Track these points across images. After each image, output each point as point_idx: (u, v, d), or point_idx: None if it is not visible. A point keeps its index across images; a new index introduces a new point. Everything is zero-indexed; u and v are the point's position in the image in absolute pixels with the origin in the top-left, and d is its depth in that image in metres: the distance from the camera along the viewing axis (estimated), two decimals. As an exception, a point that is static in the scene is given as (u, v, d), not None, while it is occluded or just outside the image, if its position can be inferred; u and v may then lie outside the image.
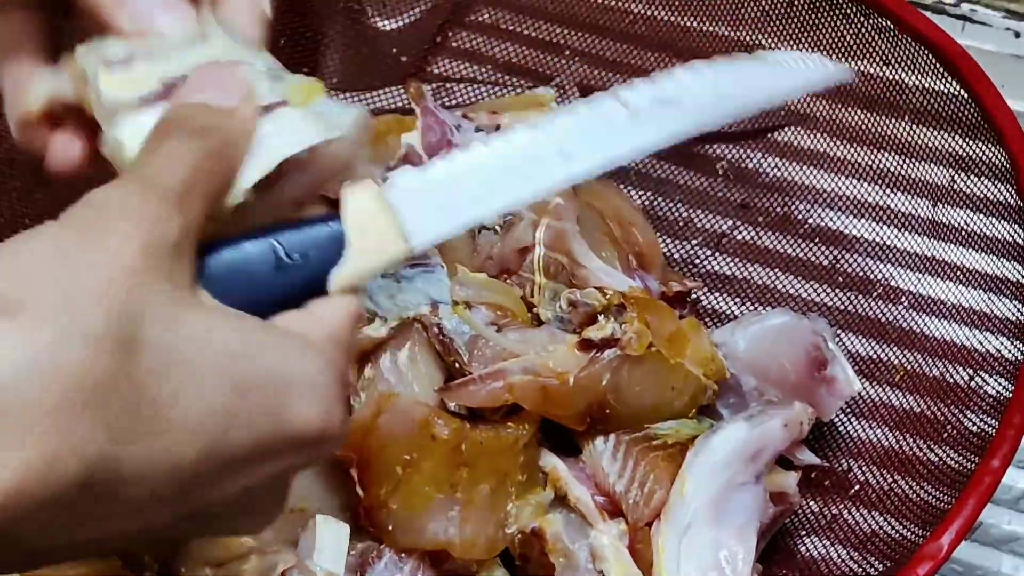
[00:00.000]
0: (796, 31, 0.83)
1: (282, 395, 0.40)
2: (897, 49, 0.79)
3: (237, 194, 0.43)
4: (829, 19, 0.82)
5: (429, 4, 0.97)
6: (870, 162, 0.83)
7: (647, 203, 0.89)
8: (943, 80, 0.77)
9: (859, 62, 0.81)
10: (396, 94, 0.93)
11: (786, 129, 0.87)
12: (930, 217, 0.81)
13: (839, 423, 0.78)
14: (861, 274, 0.82)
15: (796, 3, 0.82)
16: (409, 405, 0.71)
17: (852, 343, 0.81)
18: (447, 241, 0.77)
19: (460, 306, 0.75)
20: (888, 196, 0.83)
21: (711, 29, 0.87)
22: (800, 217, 0.86)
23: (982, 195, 0.76)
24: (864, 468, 0.76)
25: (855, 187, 0.84)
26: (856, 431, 0.78)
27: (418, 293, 0.78)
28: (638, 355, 0.72)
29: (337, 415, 0.42)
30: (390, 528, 0.70)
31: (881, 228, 0.83)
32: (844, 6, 0.80)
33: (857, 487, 0.75)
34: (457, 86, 0.94)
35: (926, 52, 0.77)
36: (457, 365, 0.73)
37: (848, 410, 0.78)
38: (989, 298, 0.76)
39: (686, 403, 0.75)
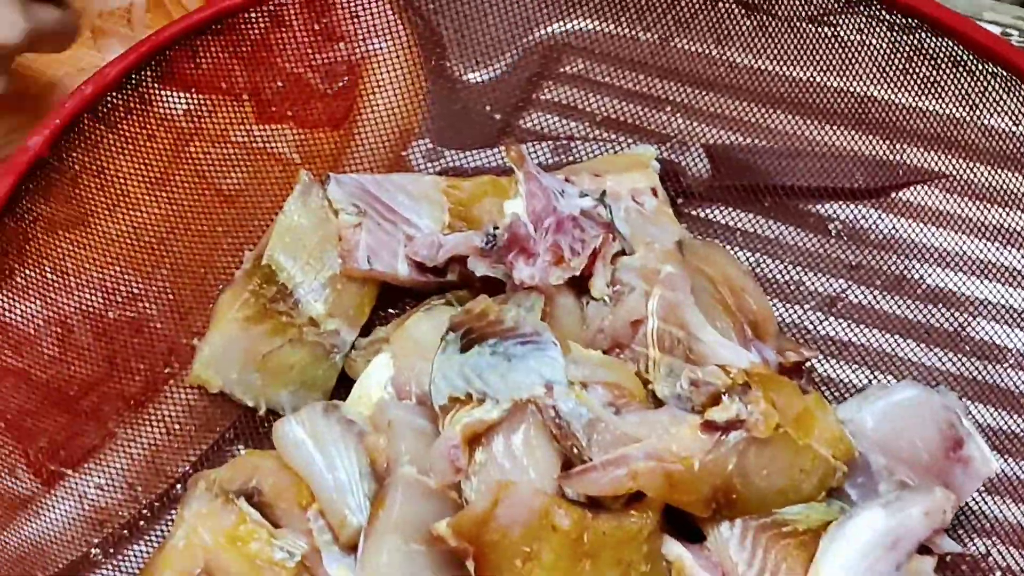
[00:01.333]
0: (916, 86, 0.80)
1: None
2: (1025, 105, 0.75)
3: None
4: (951, 74, 0.78)
5: (517, 55, 0.94)
6: (996, 221, 0.79)
7: (753, 263, 0.85)
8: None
9: (985, 117, 0.77)
10: (491, 153, 0.89)
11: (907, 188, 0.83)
12: (1062, 279, 0.77)
13: (972, 501, 0.74)
14: (989, 340, 0.78)
15: (915, 58, 0.79)
16: (528, 494, 0.68)
17: (982, 415, 0.77)
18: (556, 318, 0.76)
19: (576, 387, 0.71)
20: (1017, 257, 0.79)
21: (822, 80, 0.83)
22: (918, 278, 0.82)
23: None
24: (1003, 551, 0.72)
25: (980, 247, 0.80)
26: (992, 510, 0.74)
27: (530, 373, 0.75)
28: (765, 437, 0.69)
29: None
30: (511, 624, 0.67)
31: (1010, 291, 0.79)
32: (968, 62, 0.76)
33: (998, 574, 0.71)
34: (550, 142, 0.91)
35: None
36: (575, 450, 0.70)
37: (982, 487, 0.74)
38: None
39: (815, 486, 0.71)
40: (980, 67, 0.76)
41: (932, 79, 0.79)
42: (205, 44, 0.82)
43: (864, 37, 0.80)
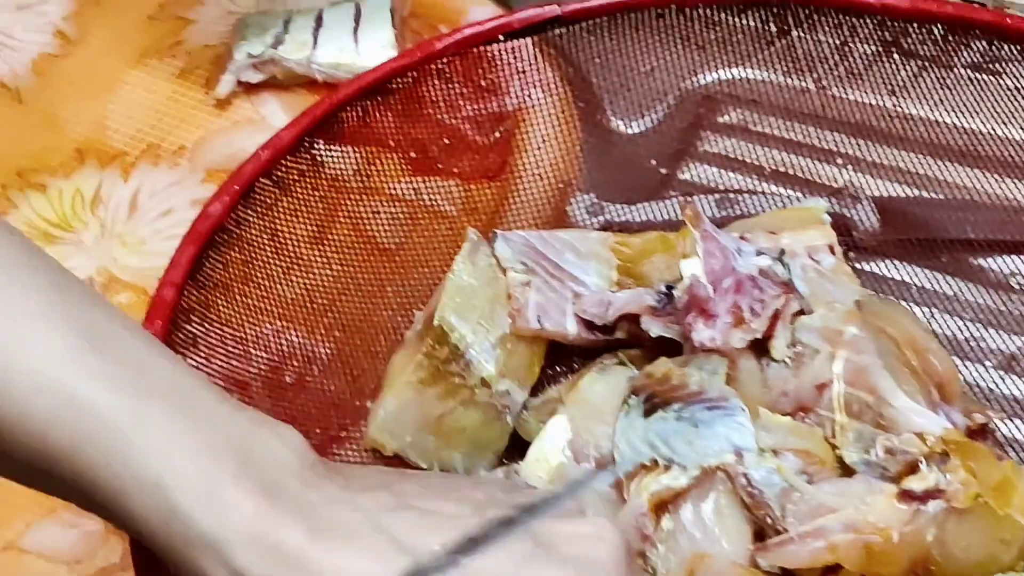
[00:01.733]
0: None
1: None
2: None
3: None
4: None
5: (675, 105, 0.92)
6: None
7: (927, 320, 0.83)
8: None
9: None
10: (654, 206, 0.88)
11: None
12: None
13: None
14: None
15: (1106, 110, 0.76)
16: (724, 567, 0.66)
17: None
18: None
19: (769, 454, 0.70)
20: None
21: (1002, 132, 0.81)
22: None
23: None
24: None
25: None
26: None
27: (719, 439, 0.74)
28: (964, 507, 0.67)
29: None
30: None
31: None
32: None
33: None
34: (714, 195, 0.90)
35: None
36: (768, 519, 0.68)
37: None
38: None
39: (1014, 556, 0.69)
40: None
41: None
42: (374, 104, 0.82)
43: (1049, 89, 0.78)
